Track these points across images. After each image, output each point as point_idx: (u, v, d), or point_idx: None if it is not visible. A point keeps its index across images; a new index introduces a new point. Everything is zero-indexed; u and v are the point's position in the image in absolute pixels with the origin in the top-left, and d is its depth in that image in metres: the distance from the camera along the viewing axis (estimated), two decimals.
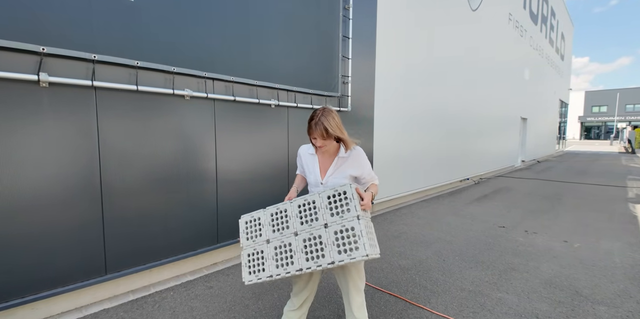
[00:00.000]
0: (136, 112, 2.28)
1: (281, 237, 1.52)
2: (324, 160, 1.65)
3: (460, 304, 2.26)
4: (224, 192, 2.84)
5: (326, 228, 1.42)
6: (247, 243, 1.63)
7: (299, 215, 1.50)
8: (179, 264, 2.66)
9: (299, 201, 1.52)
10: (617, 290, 2.48)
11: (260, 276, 1.53)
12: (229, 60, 2.77)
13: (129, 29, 2.19)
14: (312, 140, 1.56)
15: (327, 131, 1.47)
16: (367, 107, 4.50)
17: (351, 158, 1.63)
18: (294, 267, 1.45)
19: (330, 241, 1.39)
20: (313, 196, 1.49)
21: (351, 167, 1.61)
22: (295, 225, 1.50)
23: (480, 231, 3.97)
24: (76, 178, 2.05)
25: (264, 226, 1.59)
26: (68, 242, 2.04)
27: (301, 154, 1.75)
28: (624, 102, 44.60)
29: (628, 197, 6.15)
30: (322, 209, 1.45)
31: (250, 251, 1.60)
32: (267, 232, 1.57)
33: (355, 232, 1.35)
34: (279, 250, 1.51)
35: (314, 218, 1.46)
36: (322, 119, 1.48)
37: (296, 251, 1.46)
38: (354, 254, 1.34)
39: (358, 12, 4.09)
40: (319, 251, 1.41)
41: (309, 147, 1.70)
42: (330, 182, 1.60)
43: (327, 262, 1.38)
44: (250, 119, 3.02)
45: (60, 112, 1.97)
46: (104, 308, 2.18)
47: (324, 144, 1.53)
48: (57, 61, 1.95)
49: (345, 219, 1.39)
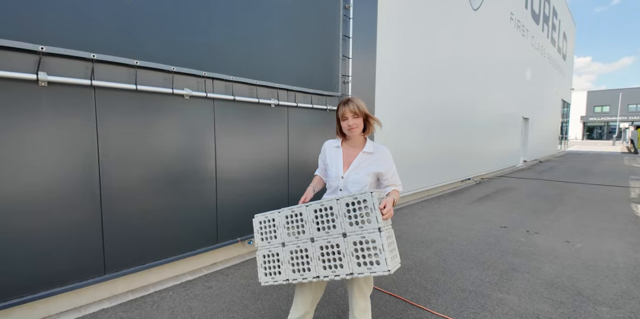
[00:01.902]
0: (135, 111, 2.27)
1: (297, 242, 1.47)
2: (348, 154, 1.65)
3: (460, 305, 2.24)
4: (224, 192, 2.83)
5: (345, 237, 1.35)
6: (262, 244, 1.59)
7: (315, 221, 1.42)
8: (178, 264, 2.66)
9: (315, 206, 1.43)
10: (619, 291, 2.46)
11: (277, 279, 1.50)
12: (229, 60, 2.77)
13: (128, 28, 2.19)
14: (343, 122, 1.60)
15: (359, 107, 1.56)
16: (368, 106, 4.44)
17: (377, 155, 1.62)
18: (311, 274, 1.40)
19: (349, 252, 1.32)
20: (330, 201, 1.40)
21: (375, 164, 1.60)
22: (311, 230, 1.43)
23: (482, 231, 3.95)
24: (75, 177, 2.04)
25: (279, 228, 1.53)
26: (67, 241, 2.04)
27: (326, 147, 1.75)
28: (627, 102, 44.41)
29: (630, 198, 6.11)
30: (340, 217, 1.37)
31: (266, 252, 1.56)
32: (282, 235, 1.52)
33: (376, 245, 1.28)
34: (295, 255, 1.45)
35: (332, 225, 1.38)
36: (352, 99, 1.60)
37: (313, 257, 1.40)
38: (375, 268, 1.28)
39: (358, 12, 4.08)
40: (336, 261, 1.35)
41: (335, 141, 1.73)
42: (351, 177, 1.58)
43: (346, 273, 1.32)
44: (250, 119, 3.01)
45: (59, 112, 1.96)
46: (102, 308, 2.17)
47: (356, 124, 1.57)
48: (56, 60, 1.94)
49: (365, 230, 1.31)
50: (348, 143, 1.64)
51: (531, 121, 12.51)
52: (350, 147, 1.64)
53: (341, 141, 1.67)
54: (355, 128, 1.57)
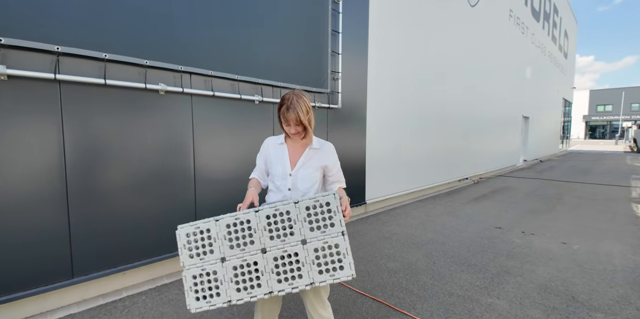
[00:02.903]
0: (105, 107, 2.17)
1: (243, 255, 1.27)
2: (293, 150, 1.52)
3: (446, 310, 2.12)
4: (203, 192, 2.72)
5: (304, 245, 1.24)
6: (190, 262, 1.28)
7: (268, 228, 1.26)
8: (154, 266, 2.55)
9: (268, 211, 1.27)
10: (615, 295, 2.33)
11: (214, 302, 1.24)
12: (209, 54, 2.66)
13: (97, 19, 2.08)
14: (285, 127, 1.44)
15: (299, 117, 1.36)
16: (360, 104, 4.37)
17: (323, 151, 1.51)
18: (262, 290, 1.23)
19: (310, 260, 1.22)
20: (287, 205, 1.26)
21: (322, 160, 1.50)
22: (262, 240, 1.26)
23: (476, 232, 3.82)
24: (38, 176, 1.94)
25: (217, 241, 1.29)
26: (30, 244, 1.94)
27: (269, 145, 1.57)
28: (630, 101, 44.02)
29: (631, 197, 5.97)
30: (299, 222, 1.25)
31: (197, 272, 1.27)
32: (221, 249, 1.28)
33: (340, 250, 1.21)
34: (241, 270, 1.25)
35: (288, 232, 1.25)
36: (294, 105, 1.36)
37: (264, 271, 1.24)
38: (338, 274, 1.20)
39: (348, 6, 3.96)
40: (294, 271, 1.23)
41: (276, 138, 1.58)
42: (300, 174, 1.46)
43: (305, 283, 1.21)
44: (232, 116, 2.90)
45: (20, 107, 1.86)
46: (70, 313, 2.07)
47: (298, 131, 1.42)
48: (18, 53, 1.84)
49: (328, 234, 1.23)
50: (292, 139, 1.50)
51: (531, 120, 12.35)
52: (295, 143, 1.52)
53: (284, 137, 1.53)
54: (298, 133, 1.44)
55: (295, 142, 1.52)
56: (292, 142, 1.52)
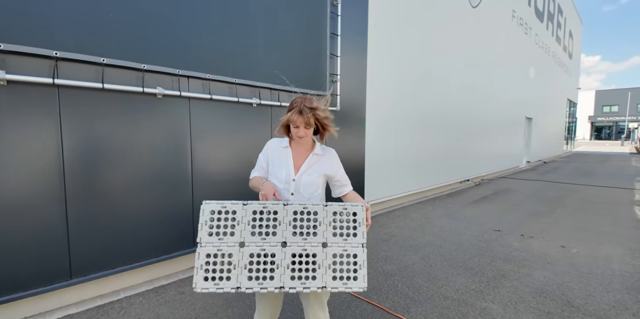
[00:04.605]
0: (103, 111, 2.20)
1: (262, 244, 1.26)
2: (297, 155, 1.52)
3: (440, 314, 2.13)
4: (201, 195, 2.74)
5: (325, 248, 1.25)
6: (208, 239, 1.26)
7: (293, 223, 1.27)
8: (152, 268, 2.58)
9: (297, 207, 1.29)
10: (612, 300, 2.32)
11: (222, 286, 1.21)
12: (207, 58, 2.68)
13: (95, 24, 2.11)
14: (294, 130, 1.43)
15: (316, 118, 1.37)
16: (359, 106, 4.37)
17: (326, 157, 1.53)
18: (274, 283, 1.21)
19: (327, 264, 1.23)
20: (316, 206, 1.29)
21: (325, 166, 1.51)
22: (285, 234, 1.27)
23: (474, 235, 3.81)
24: (37, 179, 1.97)
25: (239, 224, 1.28)
26: (29, 245, 1.97)
27: (273, 147, 1.56)
28: (636, 102, 43.52)
29: (635, 200, 5.91)
30: (324, 225, 1.27)
31: (212, 250, 1.25)
32: (242, 233, 1.27)
33: (357, 261, 1.24)
34: (257, 259, 1.24)
35: (312, 232, 1.27)
36: (310, 108, 1.37)
37: (280, 265, 1.23)
38: (351, 284, 1.21)
39: (347, 8, 3.97)
40: (309, 271, 1.23)
41: (280, 140, 1.58)
42: (303, 179, 1.47)
43: (318, 286, 1.22)
44: (230, 119, 2.92)
45: (19, 112, 1.90)
46: (68, 314, 2.10)
47: (306, 134, 1.42)
48: (17, 58, 1.88)
49: (349, 243, 1.26)
50: (296, 143, 1.51)
51: (535, 121, 12.26)
52: (299, 147, 1.53)
53: (289, 140, 1.53)
54: (304, 137, 1.44)
55: (299, 147, 1.52)
56: (296, 147, 1.53)
